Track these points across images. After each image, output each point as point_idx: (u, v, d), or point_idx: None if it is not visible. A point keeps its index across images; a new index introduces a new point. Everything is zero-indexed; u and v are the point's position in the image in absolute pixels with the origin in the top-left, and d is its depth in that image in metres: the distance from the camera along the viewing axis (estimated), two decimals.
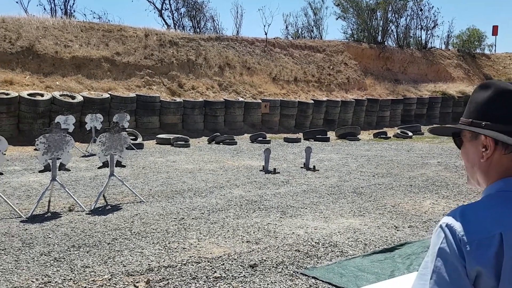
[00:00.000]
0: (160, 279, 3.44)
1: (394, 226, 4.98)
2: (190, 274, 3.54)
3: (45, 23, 15.82)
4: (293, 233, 4.65)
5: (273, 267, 3.72)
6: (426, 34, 26.14)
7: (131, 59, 15.94)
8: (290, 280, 3.46)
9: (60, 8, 20.35)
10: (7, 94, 12.22)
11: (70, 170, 6.81)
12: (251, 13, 54.13)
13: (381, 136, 15.48)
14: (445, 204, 6.02)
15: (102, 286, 3.31)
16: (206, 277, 3.49)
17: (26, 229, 4.66)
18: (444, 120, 20.57)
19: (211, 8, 46.97)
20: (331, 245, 4.29)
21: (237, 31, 22.18)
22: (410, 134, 15.63)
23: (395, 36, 25.01)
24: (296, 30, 25.60)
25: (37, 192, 6.23)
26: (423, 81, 22.92)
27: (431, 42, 26.72)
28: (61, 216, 5.19)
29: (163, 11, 23.31)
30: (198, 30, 22.29)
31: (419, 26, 25.69)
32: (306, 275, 3.55)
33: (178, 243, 4.28)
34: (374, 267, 3.76)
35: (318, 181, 7.50)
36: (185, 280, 3.43)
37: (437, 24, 25.96)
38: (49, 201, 5.49)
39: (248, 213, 5.43)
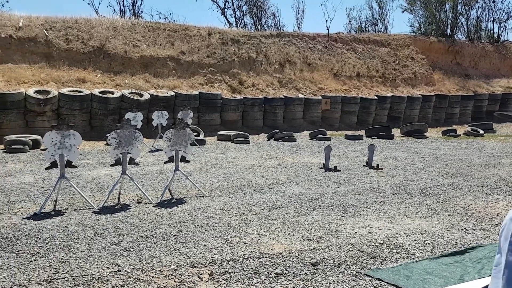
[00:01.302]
0: (223, 272, 3.50)
1: (465, 228, 4.72)
2: (252, 269, 3.58)
3: (114, 24, 16.63)
4: (355, 232, 4.55)
5: (335, 266, 3.66)
6: (499, 27, 24.68)
7: (194, 58, 16.37)
8: (353, 280, 3.39)
9: (129, 8, 21.39)
10: (80, 92, 13.01)
11: (139, 164, 7.12)
12: (312, 8, 53.53)
13: (450, 134, 14.76)
14: None
15: (168, 276, 3.43)
16: (268, 272, 3.51)
17: (98, 220, 4.93)
18: None
19: (273, 4, 47.09)
20: (397, 246, 4.15)
21: (298, 27, 22.12)
22: (482, 132, 14.77)
23: (465, 29, 23.77)
24: (359, 24, 25.08)
25: (108, 185, 6.57)
26: (495, 76, 21.58)
27: (505, 35, 25.29)
28: (130, 208, 5.44)
29: (225, 10, 23.73)
30: (259, 27, 22.47)
31: (492, 19, 24.30)
32: (370, 276, 3.46)
33: (240, 238, 4.33)
34: (443, 270, 3.59)
35: (382, 180, 7.28)
36: (247, 274, 3.47)
37: (511, 16, 24.38)
38: (119, 193, 5.77)
39: (308, 210, 5.39)
